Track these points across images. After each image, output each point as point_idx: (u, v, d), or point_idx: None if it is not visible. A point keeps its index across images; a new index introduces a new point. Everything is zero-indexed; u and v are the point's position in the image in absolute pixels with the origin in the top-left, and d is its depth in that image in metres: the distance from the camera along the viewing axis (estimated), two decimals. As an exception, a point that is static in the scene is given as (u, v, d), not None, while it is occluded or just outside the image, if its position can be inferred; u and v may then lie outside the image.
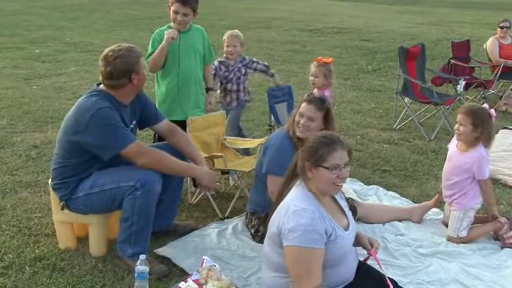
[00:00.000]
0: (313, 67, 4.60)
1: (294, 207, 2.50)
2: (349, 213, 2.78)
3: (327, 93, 4.50)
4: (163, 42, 4.06)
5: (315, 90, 4.59)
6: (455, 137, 3.87)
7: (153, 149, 3.38)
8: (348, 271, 2.67)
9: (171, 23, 4.20)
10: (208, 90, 4.50)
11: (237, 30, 5.04)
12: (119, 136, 3.18)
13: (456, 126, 3.75)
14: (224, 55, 4.97)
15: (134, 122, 3.47)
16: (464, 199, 3.77)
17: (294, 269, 2.50)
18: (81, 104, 3.23)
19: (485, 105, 3.83)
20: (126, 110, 3.34)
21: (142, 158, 3.22)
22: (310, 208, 2.50)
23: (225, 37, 4.99)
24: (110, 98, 3.25)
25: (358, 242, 2.82)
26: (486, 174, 3.71)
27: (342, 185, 2.63)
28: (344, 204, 2.80)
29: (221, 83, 4.97)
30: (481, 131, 3.64)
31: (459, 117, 3.71)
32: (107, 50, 3.28)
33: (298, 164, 2.64)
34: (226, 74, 4.93)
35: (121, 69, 3.20)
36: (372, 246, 2.81)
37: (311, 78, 4.61)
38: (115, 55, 3.21)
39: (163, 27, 4.22)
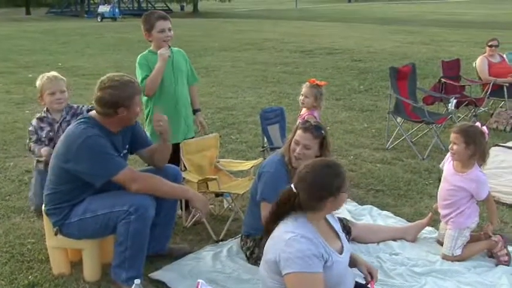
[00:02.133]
0: (304, 87, 4.63)
1: (291, 234, 2.48)
2: (342, 235, 2.78)
3: (315, 114, 4.53)
4: (159, 63, 4.01)
5: (303, 110, 4.62)
6: (448, 156, 3.89)
7: (146, 174, 3.37)
8: None
9: (151, 48, 4.19)
10: (195, 111, 4.48)
11: (54, 72, 4.10)
12: (110, 163, 3.18)
13: (450, 145, 3.78)
14: (44, 108, 4.02)
15: (127, 147, 3.48)
16: (460, 218, 3.78)
17: None
18: (70, 132, 3.23)
19: (478, 123, 3.86)
20: (117, 136, 3.34)
21: (135, 183, 3.21)
22: (307, 234, 2.49)
23: (41, 82, 3.99)
24: (99, 126, 3.23)
25: (356, 266, 2.82)
26: (484, 195, 3.73)
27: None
28: (338, 227, 2.80)
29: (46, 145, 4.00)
30: (474, 149, 3.65)
31: (452, 136, 3.73)
32: (107, 75, 3.29)
33: (307, 203, 2.55)
34: (52, 134, 4.02)
35: (108, 100, 3.18)
36: (372, 277, 2.80)
37: (301, 98, 4.64)
38: (109, 84, 3.20)
39: (144, 53, 4.21)
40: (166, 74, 4.12)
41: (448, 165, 3.91)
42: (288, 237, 2.47)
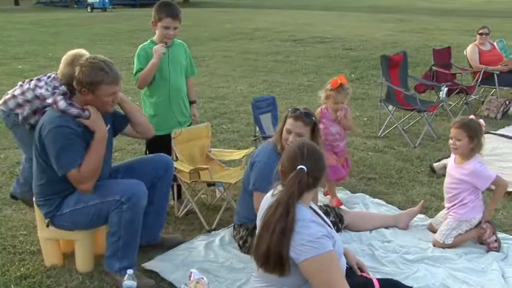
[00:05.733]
0: (335, 93, 4.36)
1: (298, 222, 2.47)
2: (322, 214, 2.78)
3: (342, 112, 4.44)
4: (154, 59, 3.98)
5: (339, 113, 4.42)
6: (452, 154, 3.91)
7: (88, 169, 3.17)
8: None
9: (154, 38, 4.18)
10: (191, 103, 4.48)
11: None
12: (64, 159, 3.12)
13: (451, 141, 3.79)
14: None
15: (108, 127, 3.39)
16: (462, 210, 3.78)
17: (322, 277, 2.45)
18: (46, 115, 3.23)
19: (472, 116, 3.88)
20: None
21: (82, 185, 3.19)
22: (311, 217, 2.52)
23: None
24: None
25: (346, 260, 2.85)
26: (484, 185, 3.73)
27: None
28: (315, 207, 2.80)
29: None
30: (477, 142, 3.70)
31: (453, 132, 3.75)
32: (95, 55, 3.28)
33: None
34: None
35: (76, 77, 3.18)
36: (362, 270, 2.86)
37: (336, 107, 4.39)
38: (85, 63, 3.19)
39: (146, 43, 4.18)
40: (162, 65, 4.09)
41: (450, 161, 3.94)
42: (297, 226, 2.47)
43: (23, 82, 4.00)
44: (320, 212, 2.79)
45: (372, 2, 35.23)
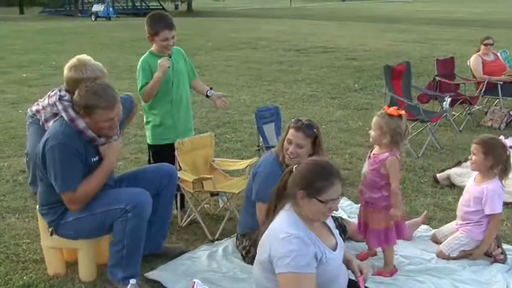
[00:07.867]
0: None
1: (283, 234, 2.49)
2: (336, 233, 2.78)
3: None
4: (159, 73, 3.97)
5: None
6: (473, 173, 3.90)
7: (83, 191, 3.18)
8: None
9: (152, 49, 4.17)
10: (209, 93, 4.42)
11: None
12: (60, 179, 3.13)
13: (470, 156, 3.79)
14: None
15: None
16: (478, 229, 3.73)
17: None
18: (51, 129, 3.24)
19: (502, 137, 3.83)
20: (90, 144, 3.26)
21: (73, 206, 3.20)
22: (299, 233, 2.49)
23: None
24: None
25: (347, 266, 2.82)
26: (490, 208, 3.66)
27: (330, 214, 2.65)
28: (332, 225, 2.80)
29: None
30: (493, 160, 3.65)
31: (472, 147, 3.75)
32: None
33: (289, 189, 2.61)
34: None
35: (75, 100, 3.18)
36: (362, 273, 2.78)
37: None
38: (82, 86, 3.18)
39: (146, 55, 4.17)
40: (166, 76, 4.09)
41: (470, 178, 3.92)
42: (281, 236, 2.49)
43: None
44: (330, 223, 2.78)
45: (372, 12, 35.39)
